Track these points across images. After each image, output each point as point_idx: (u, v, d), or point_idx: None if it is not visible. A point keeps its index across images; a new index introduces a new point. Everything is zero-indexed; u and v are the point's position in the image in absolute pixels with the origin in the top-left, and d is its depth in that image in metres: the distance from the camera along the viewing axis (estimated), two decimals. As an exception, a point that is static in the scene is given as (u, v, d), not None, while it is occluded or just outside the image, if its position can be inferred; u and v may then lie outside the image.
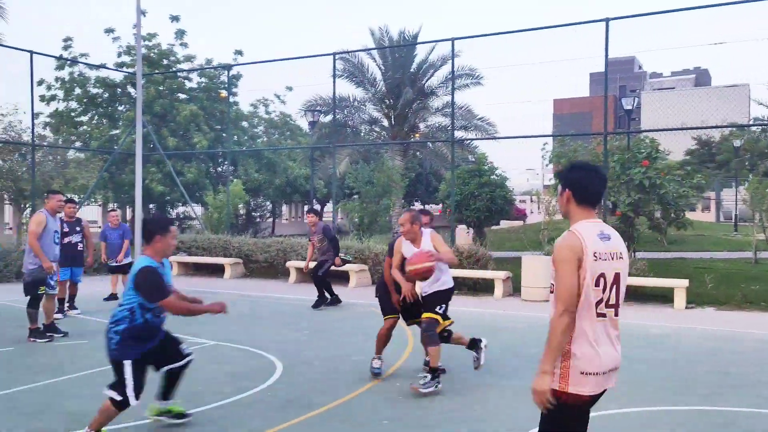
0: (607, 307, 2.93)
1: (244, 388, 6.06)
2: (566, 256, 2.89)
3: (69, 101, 24.30)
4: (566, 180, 3.08)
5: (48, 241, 8.24)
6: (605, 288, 2.91)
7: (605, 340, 2.93)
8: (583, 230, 2.94)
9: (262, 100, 29.35)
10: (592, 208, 3.05)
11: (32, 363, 7.11)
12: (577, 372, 2.86)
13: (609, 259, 2.93)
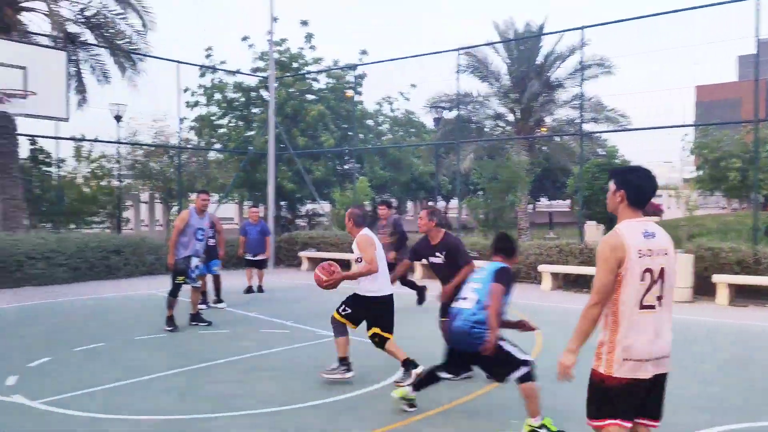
0: (656, 299, 3.20)
1: (374, 381, 6.20)
2: (606, 254, 3.19)
3: (210, 106, 26.01)
4: (622, 181, 3.30)
5: (190, 237, 8.74)
6: (652, 282, 3.18)
7: (649, 330, 3.18)
8: (626, 230, 3.22)
9: (386, 98, 29.81)
10: (641, 210, 3.30)
11: (182, 349, 7.68)
12: (620, 358, 3.15)
13: (654, 256, 3.20)
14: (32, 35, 15.04)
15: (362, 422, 5.05)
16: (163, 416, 5.17)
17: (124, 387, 6.01)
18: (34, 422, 5.02)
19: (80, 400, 5.55)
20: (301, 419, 5.12)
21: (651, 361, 3.19)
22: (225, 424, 5.00)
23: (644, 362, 3.17)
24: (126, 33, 16.30)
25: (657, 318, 3.21)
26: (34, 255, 13.44)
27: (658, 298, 3.21)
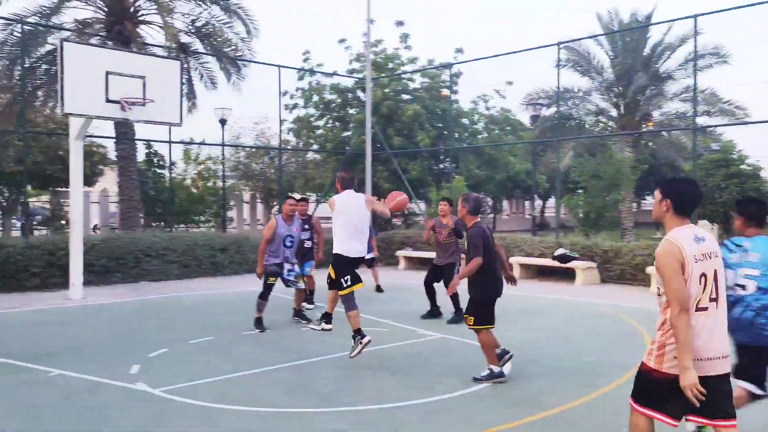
0: (710, 301, 3.36)
1: (472, 382, 6.16)
2: (669, 263, 3.33)
3: (308, 108, 26.74)
4: (668, 191, 3.50)
5: (278, 245, 8.82)
6: (706, 285, 3.34)
7: (705, 331, 3.33)
8: (679, 237, 3.38)
9: (481, 97, 29.49)
10: (687, 217, 3.49)
11: (286, 345, 7.97)
12: (671, 356, 3.33)
13: (706, 259, 3.36)
14: (149, 46, 16.07)
15: (463, 423, 5.04)
16: (270, 408, 5.38)
17: (233, 379, 6.31)
18: (157, 409, 5.38)
19: (195, 390, 5.88)
20: (402, 418, 5.18)
21: (705, 361, 3.32)
22: (329, 419, 5.15)
23: (700, 362, 3.30)
24: (232, 41, 17.07)
25: (712, 319, 3.36)
26: (150, 252, 14.35)
27: (713, 300, 3.37)
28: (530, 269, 15.35)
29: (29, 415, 5.23)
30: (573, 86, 23.17)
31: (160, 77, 11.46)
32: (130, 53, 12.77)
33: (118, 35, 15.70)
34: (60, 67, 10.58)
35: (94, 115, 11.18)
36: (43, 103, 16.73)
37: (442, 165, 27.84)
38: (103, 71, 10.84)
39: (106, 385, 6.06)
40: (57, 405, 5.48)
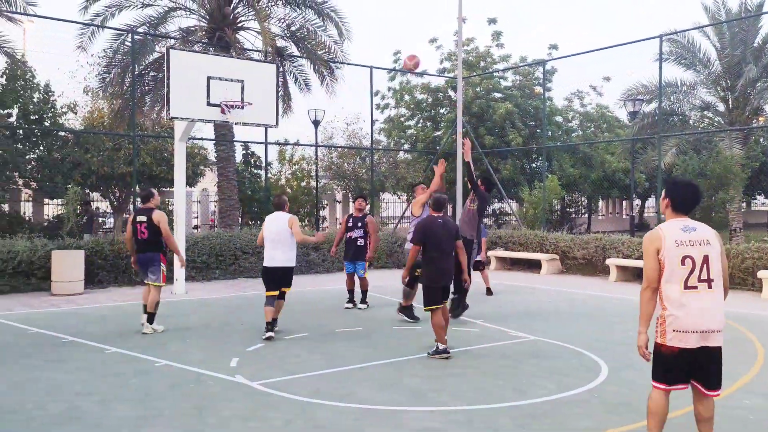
0: (699, 282, 3.88)
1: (569, 386, 5.98)
2: (646, 246, 4.01)
3: (399, 108, 26.91)
4: (668, 191, 4.11)
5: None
6: (693, 267, 3.87)
7: (694, 307, 3.86)
8: (665, 226, 4.00)
9: (576, 93, 28.62)
10: (685, 214, 4.07)
11: (378, 342, 8.05)
12: (670, 329, 3.91)
13: (693, 245, 3.89)
14: (247, 51, 16.71)
15: (559, 428, 4.91)
16: (363, 405, 5.45)
17: (327, 375, 6.44)
18: (256, 401, 5.57)
19: (291, 384, 6.05)
20: (495, 419, 5.10)
21: (697, 333, 3.86)
22: (421, 417, 5.15)
23: (690, 333, 3.86)
24: (325, 43, 17.45)
25: (701, 297, 3.86)
26: (247, 250, 14.91)
27: (704, 281, 3.87)
28: (628, 271, 14.74)
29: (141, 401, 5.56)
30: (676, 80, 22.03)
31: (257, 81, 11.88)
32: (229, 58, 13.32)
33: (218, 41, 16.42)
34: (166, 73, 11.19)
35: (197, 118, 11.75)
36: (150, 107, 17.75)
37: (535, 164, 27.24)
38: (205, 76, 11.37)
39: (208, 376, 6.35)
40: (165, 393, 5.79)
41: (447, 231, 7.23)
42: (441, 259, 7.20)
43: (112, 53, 16.40)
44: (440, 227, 7.22)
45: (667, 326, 3.91)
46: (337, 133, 24.79)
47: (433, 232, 7.16)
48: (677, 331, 3.88)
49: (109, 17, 16.34)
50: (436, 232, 7.16)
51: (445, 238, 7.19)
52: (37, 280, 12.46)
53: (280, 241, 8.29)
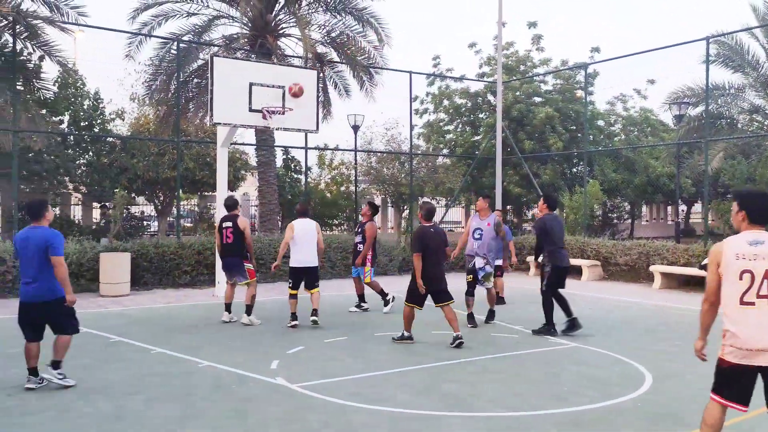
0: (758, 298, 3.72)
1: (612, 395, 5.89)
2: (710, 258, 3.94)
3: (438, 113, 26.87)
4: (742, 203, 3.95)
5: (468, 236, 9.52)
6: (752, 282, 3.72)
7: (751, 324, 3.72)
8: (731, 238, 3.90)
9: (619, 97, 28.13)
10: (761, 225, 3.90)
11: (415, 347, 8.05)
12: (728, 344, 3.82)
13: (756, 260, 3.74)
14: (288, 58, 16.94)
15: (601, 437, 4.83)
16: (400, 409, 5.46)
17: (366, 378, 6.48)
18: (295, 403, 5.65)
19: (330, 387, 6.10)
20: (536, 426, 5.06)
21: (755, 352, 3.70)
22: (459, 423, 5.14)
23: (746, 351, 3.72)
24: (365, 49, 17.55)
25: (760, 314, 3.71)
26: (287, 254, 15.04)
27: (763, 297, 3.71)
28: (673, 279, 14.40)
29: (185, 401, 5.69)
30: (723, 82, 21.47)
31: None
32: (270, 65, 13.53)
33: (260, 48, 16.69)
34: (210, 80, 11.43)
35: (239, 123, 11.97)
36: (194, 113, 18.14)
37: (575, 169, 26.85)
38: (247, 83, 11.57)
39: (249, 378, 6.46)
40: (208, 393, 5.91)
41: (439, 238, 8.00)
42: (432, 266, 7.89)
43: (158, 61, 16.83)
44: (433, 236, 7.95)
45: (725, 340, 3.85)
46: (376, 137, 24.88)
47: (431, 240, 7.89)
48: (733, 347, 3.79)
49: (155, 26, 16.77)
50: (433, 240, 7.90)
51: (438, 245, 7.93)
52: (86, 282, 12.85)
53: (308, 242, 9.33)
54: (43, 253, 5.85)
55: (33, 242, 5.89)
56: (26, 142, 16.00)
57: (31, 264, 5.89)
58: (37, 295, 5.90)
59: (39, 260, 5.86)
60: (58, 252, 5.87)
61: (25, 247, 5.92)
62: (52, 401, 5.65)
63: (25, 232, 6.01)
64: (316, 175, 25.17)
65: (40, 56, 15.15)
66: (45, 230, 5.96)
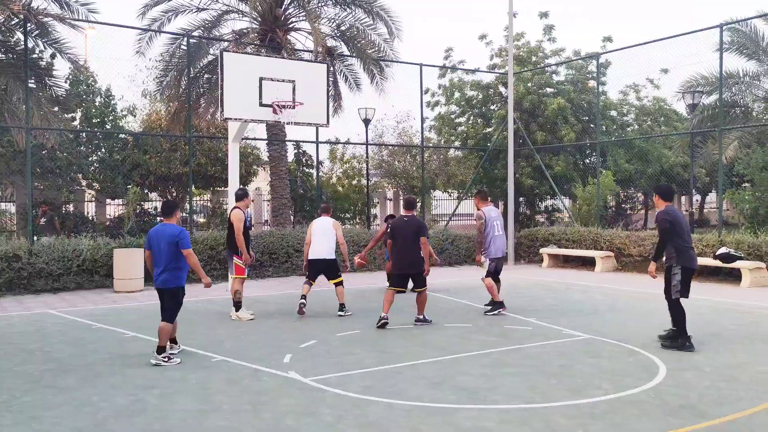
0: None
1: (626, 386, 5.85)
2: None
3: (449, 105, 26.75)
4: None
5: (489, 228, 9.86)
6: None
7: None
8: None
9: (632, 86, 27.83)
10: None
11: (429, 340, 8.05)
12: None
13: None
14: (299, 52, 16.93)
15: (615, 429, 4.80)
16: (415, 402, 5.46)
17: (379, 372, 6.48)
18: (309, 397, 5.66)
19: (343, 381, 6.11)
20: (551, 419, 5.03)
21: None
22: (474, 415, 5.13)
23: None
24: (375, 42, 17.50)
25: None
26: (299, 248, 15.09)
27: None
28: (688, 269, 14.28)
29: (200, 395, 5.72)
30: (738, 70, 21.20)
31: (308, 81, 12.01)
32: (281, 59, 13.54)
33: (270, 43, 16.69)
34: (220, 75, 11.44)
35: (250, 118, 11.97)
36: (205, 109, 18.18)
37: (588, 160, 26.66)
38: (257, 77, 11.57)
39: (263, 372, 6.48)
40: (223, 388, 5.94)
41: (410, 227, 8.82)
42: (404, 251, 8.79)
43: (168, 57, 16.87)
44: (404, 224, 8.88)
45: None
46: (387, 131, 24.84)
47: (399, 228, 8.90)
48: None
49: (165, 22, 16.80)
50: (402, 228, 8.87)
51: (408, 233, 8.78)
52: (100, 278, 12.95)
53: (323, 236, 9.86)
54: (173, 246, 6.80)
55: (164, 237, 6.85)
56: (39, 139, 16.10)
57: (162, 256, 6.84)
58: (166, 281, 6.88)
59: (168, 253, 6.81)
60: (186, 245, 6.87)
61: (157, 242, 6.86)
62: (69, 396, 5.70)
63: (157, 228, 7.02)
64: (328, 169, 25.16)
65: (52, 54, 15.23)
66: (174, 227, 6.94)
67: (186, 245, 6.87)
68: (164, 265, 6.84)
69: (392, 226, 9.05)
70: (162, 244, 6.84)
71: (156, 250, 6.90)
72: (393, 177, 24.96)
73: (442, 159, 24.85)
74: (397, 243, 8.89)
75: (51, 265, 12.43)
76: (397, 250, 8.91)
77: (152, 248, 6.94)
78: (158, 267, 6.88)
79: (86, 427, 4.94)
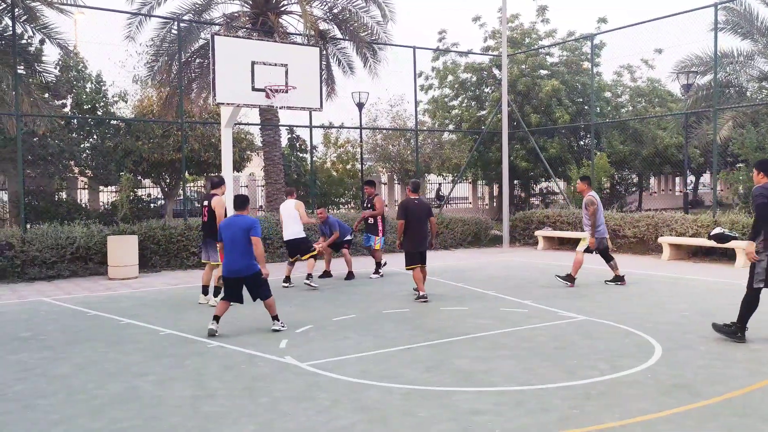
0: None
1: (622, 367, 5.87)
2: None
3: (443, 88, 26.63)
4: None
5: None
6: None
7: None
8: None
9: (626, 67, 27.76)
10: None
11: (424, 323, 8.05)
12: None
13: None
14: (291, 35, 16.75)
15: (612, 409, 4.81)
16: (411, 386, 5.46)
17: (375, 356, 6.48)
18: (306, 381, 5.65)
19: (339, 365, 6.11)
20: (546, 400, 5.04)
21: None
22: (470, 398, 5.13)
23: None
24: (368, 25, 17.33)
25: None
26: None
27: None
28: (682, 249, 14.34)
29: (196, 381, 5.70)
30: (732, 50, 21.12)
31: (301, 64, 11.88)
32: (273, 43, 13.39)
33: (262, 26, 16.51)
34: (212, 60, 11.30)
35: (243, 103, 11.84)
36: (197, 94, 18.01)
37: (582, 142, 26.63)
38: (249, 61, 11.42)
39: (259, 357, 6.47)
40: (219, 373, 5.93)
41: (422, 208, 9.59)
42: (419, 230, 9.46)
43: (159, 42, 16.67)
44: (417, 206, 9.56)
45: None
46: (381, 115, 24.71)
47: (413, 210, 9.49)
48: None
49: (155, 6, 16.58)
50: (415, 210, 9.49)
51: (422, 214, 9.51)
52: (95, 265, 12.90)
53: (288, 219, 10.99)
54: (247, 234, 7.30)
55: (238, 227, 7.38)
56: (30, 126, 15.95)
57: (236, 245, 7.33)
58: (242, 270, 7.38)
59: (243, 242, 7.32)
60: (258, 233, 7.36)
61: (231, 232, 7.38)
62: (62, 384, 5.68)
63: (230, 219, 7.62)
64: (322, 153, 25.06)
65: (41, 39, 15.05)
66: (247, 218, 7.51)
67: (257, 233, 7.37)
68: (239, 253, 7.31)
69: (407, 208, 9.52)
70: (237, 234, 7.32)
71: (229, 240, 7.37)
72: (387, 161, 24.89)
73: (436, 142, 24.77)
74: (412, 224, 9.45)
75: (44, 252, 12.36)
76: (412, 230, 9.46)
77: (225, 239, 7.42)
78: (232, 255, 7.33)
79: (80, 414, 4.92)
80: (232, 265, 7.38)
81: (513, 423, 4.59)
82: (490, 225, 19.38)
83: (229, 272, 7.43)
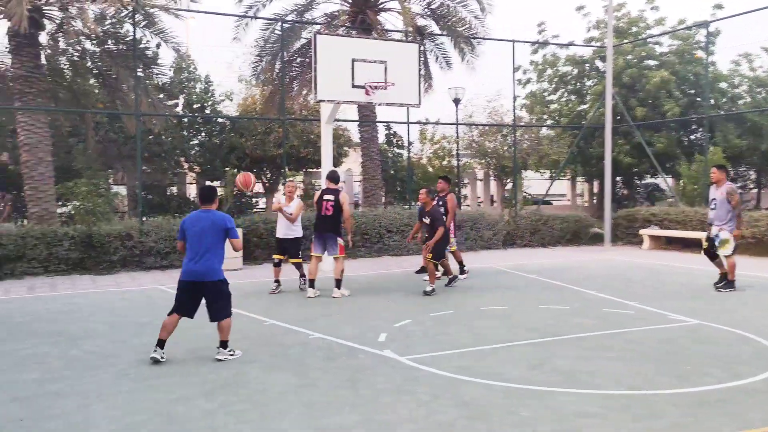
0: None
1: (741, 375, 5.50)
2: None
3: (541, 82, 25.96)
4: None
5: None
6: None
7: None
8: None
9: (744, 56, 25.92)
10: None
11: (524, 321, 7.88)
12: None
13: None
14: (389, 32, 16.89)
15: (729, 418, 4.52)
16: (513, 384, 5.37)
17: (474, 352, 6.42)
18: (405, 376, 5.69)
19: (438, 360, 6.10)
20: (656, 406, 4.81)
21: None
22: (575, 399, 4.98)
23: None
24: (465, 19, 17.17)
25: None
26: (391, 228, 15.21)
27: None
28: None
29: (298, 370, 5.88)
30: None
31: (399, 61, 11.95)
32: (372, 40, 13.55)
33: (361, 24, 16.74)
34: (313, 58, 11.58)
35: (343, 100, 12.08)
36: (297, 92, 18.54)
37: (694, 136, 25.16)
38: (349, 59, 11.62)
39: (358, 350, 6.57)
40: (320, 364, 6.08)
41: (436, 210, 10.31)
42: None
43: (263, 42, 17.29)
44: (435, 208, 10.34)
45: None
46: (477, 110, 24.41)
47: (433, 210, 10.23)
48: None
49: (260, 8, 17.20)
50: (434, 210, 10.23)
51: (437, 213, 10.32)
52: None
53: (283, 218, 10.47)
54: (221, 233, 6.34)
55: (210, 223, 6.32)
56: (146, 125, 16.99)
57: (204, 243, 6.27)
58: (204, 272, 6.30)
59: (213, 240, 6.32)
60: (236, 235, 6.46)
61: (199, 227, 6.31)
62: (179, 368, 6.00)
63: (198, 214, 6.45)
64: (418, 149, 25.10)
65: (157, 43, 16.01)
66: (220, 213, 6.44)
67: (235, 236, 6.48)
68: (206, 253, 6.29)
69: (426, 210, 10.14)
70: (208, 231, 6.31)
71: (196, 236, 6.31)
72: (483, 157, 24.56)
73: (534, 138, 24.18)
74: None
75: (159, 243, 13.13)
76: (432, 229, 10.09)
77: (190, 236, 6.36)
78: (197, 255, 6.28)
79: (194, 395, 5.20)
80: (195, 267, 6.25)
81: (621, 428, 4.41)
82: (591, 222, 18.72)
83: (188, 274, 6.29)
